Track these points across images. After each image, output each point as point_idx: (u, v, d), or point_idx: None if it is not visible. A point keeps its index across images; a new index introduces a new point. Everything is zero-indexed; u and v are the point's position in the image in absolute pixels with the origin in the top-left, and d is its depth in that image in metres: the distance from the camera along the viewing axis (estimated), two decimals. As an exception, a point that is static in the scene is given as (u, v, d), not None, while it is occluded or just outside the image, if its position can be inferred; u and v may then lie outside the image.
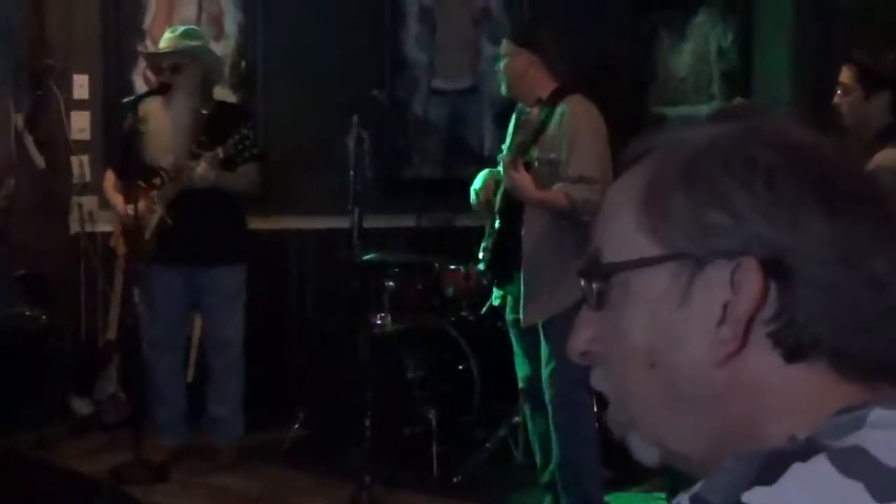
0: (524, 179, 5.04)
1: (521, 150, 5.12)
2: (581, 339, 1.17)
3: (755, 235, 1.02)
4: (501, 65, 5.46)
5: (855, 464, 0.94)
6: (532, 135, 5.12)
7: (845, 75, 4.65)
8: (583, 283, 1.16)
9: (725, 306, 1.03)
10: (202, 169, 5.72)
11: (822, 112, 5.42)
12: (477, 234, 5.86)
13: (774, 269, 1.02)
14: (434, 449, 6.03)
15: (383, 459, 5.85)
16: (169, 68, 5.90)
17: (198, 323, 6.48)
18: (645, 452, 1.12)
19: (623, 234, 1.10)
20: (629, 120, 5.42)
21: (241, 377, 6.20)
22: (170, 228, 5.91)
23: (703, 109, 6.67)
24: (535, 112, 5.09)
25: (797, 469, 0.94)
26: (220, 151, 5.72)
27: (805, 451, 0.95)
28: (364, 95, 6.49)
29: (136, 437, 5.96)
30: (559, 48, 5.47)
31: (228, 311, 6.11)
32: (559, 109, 5.21)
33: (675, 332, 1.06)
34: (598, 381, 1.16)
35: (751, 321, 1.03)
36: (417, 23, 7.59)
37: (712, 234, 1.04)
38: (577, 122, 5.19)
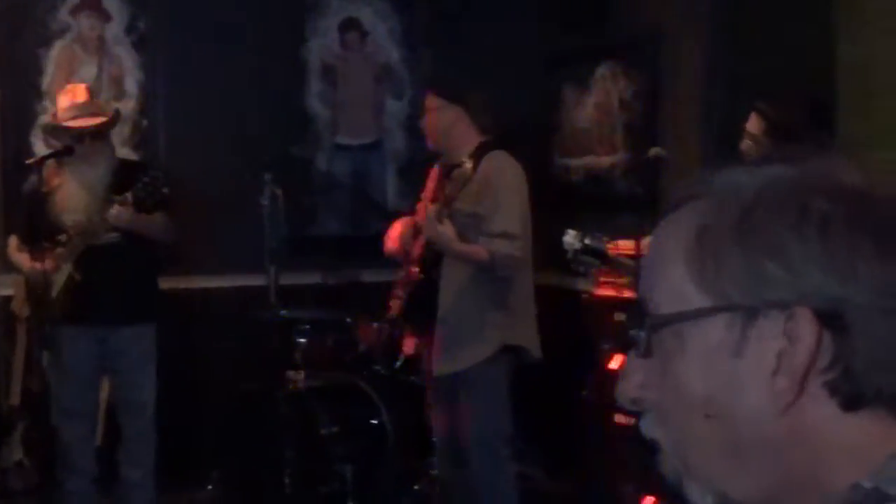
0: (448, 231, 5.07)
1: (448, 202, 5.12)
2: (632, 385, 1.14)
3: (810, 286, 1.02)
4: (426, 118, 5.48)
5: None
6: (460, 188, 5.13)
7: (753, 125, 4.72)
8: (632, 330, 1.14)
9: (780, 356, 1.03)
10: (115, 209, 5.63)
11: (728, 161, 5.54)
12: (385, 289, 5.87)
13: (829, 319, 1.01)
14: (351, 505, 6.00)
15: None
16: (89, 135, 5.80)
17: (105, 385, 6.36)
18: (701, 499, 1.11)
19: (674, 283, 1.09)
20: (535, 171, 5.48)
21: (154, 439, 6.08)
22: (78, 286, 5.80)
23: (608, 160, 6.76)
24: (468, 166, 5.10)
25: None
26: (128, 196, 5.64)
27: (874, 501, 0.96)
28: (269, 152, 6.50)
29: (45, 504, 5.83)
30: (484, 102, 5.51)
31: (139, 372, 6.00)
32: (483, 164, 5.24)
33: (732, 382, 1.05)
34: (648, 427, 1.14)
35: (807, 371, 1.02)
36: (320, 79, 7.60)
37: (766, 286, 1.03)
38: (502, 178, 5.24)
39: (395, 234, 5.58)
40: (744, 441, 1.06)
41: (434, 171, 5.66)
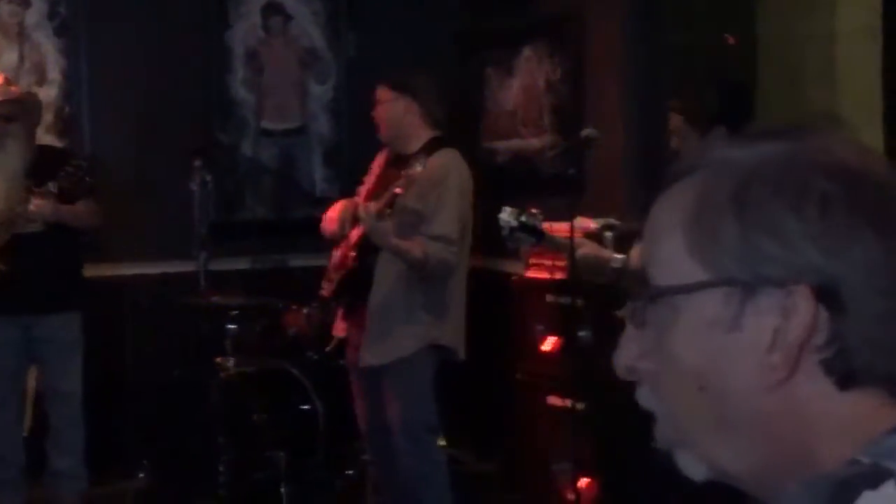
0: (387, 227, 5.06)
1: (390, 201, 5.08)
2: (627, 355, 1.15)
3: (807, 263, 1.02)
4: (377, 110, 5.48)
5: None
6: (406, 188, 5.06)
7: (675, 122, 4.78)
8: (630, 300, 1.15)
9: (776, 332, 1.03)
10: (35, 205, 5.59)
11: (654, 142, 5.60)
12: (312, 275, 5.88)
13: (826, 297, 1.02)
14: (284, 491, 5.98)
15: (233, 505, 5.82)
16: (3, 118, 5.74)
17: (32, 374, 6.29)
18: (693, 468, 1.12)
19: (672, 256, 1.10)
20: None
21: (82, 428, 6.03)
22: (3, 276, 5.73)
23: (535, 142, 6.79)
24: (419, 170, 5.08)
25: (868, 497, 0.95)
26: (52, 186, 5.59)
27: (873, 477, 0.97)
28: (193, 139, 6.47)
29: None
30: (436, 95, 5.53)
31: (66, 360, 5.95)
32: (431, 161, 5.23)
33: (725, 356, 1.06)
34: (644, 397, 1.15)
35: (802, 348, 1.03)
36: (244, 65, 7.56)
37: (764, 261, 1.04)
38: (448, 179, 5.27)
39: (334, 215, 5.57)
40: (735, 414, 1.07)
41: (380, 157, 5.66)
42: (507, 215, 4.76)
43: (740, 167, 1.08)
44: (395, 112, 5.43)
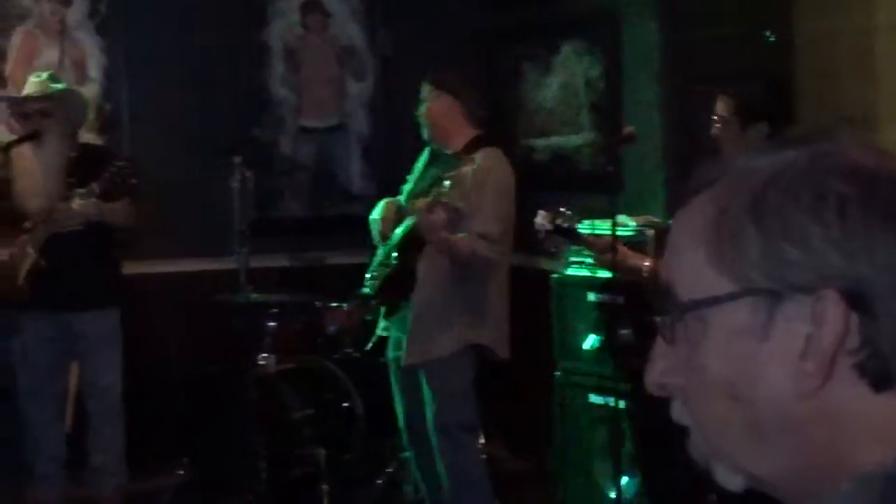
0: (437, 222, 5.06)
1: (438, 198, 5.06)
2: (657, 371, 1.15)
3: (831, 268, 1.02)
4: (422, 108, 5.49)
5: None
6: (456, 187, 5.07)
7: (722, 107, 4.75)
8: (657, 316, 1.15)
9: (808, 339, 1.03)
10: (78, 205, 5.63)
11: (691, 139, 5.58)
12: (349, 271, 5.88)
13: (854, 299, 1.02)
14: (323, 488, 5.99)
15: (272, 501, 5.82)
16: (38, 113, 5.79)
17: (74, 370, 6.33)
18: (730, 480, 1.12)
19: (695, 269, 1.10)
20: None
21: (121, 424, 6.06)
22: (43, 272, 5.77)
23: (574, 139, 6.77)
24: (467, 170, 5.09)
25: None
26: (95, 187, 5.62)
27: None
28: (232, 136, 6.49)
29: (14, 489, 5.80)
30: (478, 93, 5.54)
31: (105, 356, 5.98)
32: (476, 160, 5.24)
33: (757, 366, 1.06)
34: (677, 412, 1.15)
35: (835, 353, 1.03)
36: (282, 62, 7.58)
37: (787, 269, 1.03)
38: (490, 178, 5.29)
39: (379, 215, 5.60)
40: (768, 422, 1.06)
41: (423, 155, 5.69)
42: (541, 219, 4.77)
43: (757, 176, 1.08)
44: (439, 110, 5.45)
